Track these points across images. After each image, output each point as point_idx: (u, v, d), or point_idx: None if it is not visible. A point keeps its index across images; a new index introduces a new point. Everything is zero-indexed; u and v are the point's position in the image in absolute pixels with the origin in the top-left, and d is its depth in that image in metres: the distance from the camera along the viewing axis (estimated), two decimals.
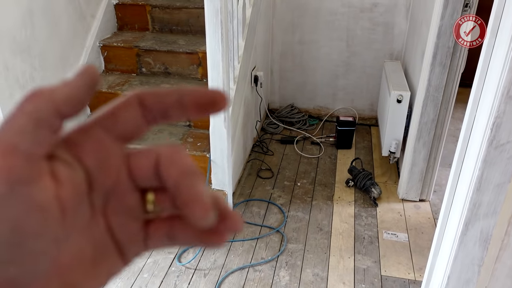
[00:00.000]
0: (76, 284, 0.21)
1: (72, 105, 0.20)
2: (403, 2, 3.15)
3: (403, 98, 2.56)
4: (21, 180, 0.19)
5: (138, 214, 0.23)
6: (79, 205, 0.21)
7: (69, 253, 0.21)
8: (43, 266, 0.20)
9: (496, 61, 1.14)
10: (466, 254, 1.33)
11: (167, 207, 0.23)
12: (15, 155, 0.19)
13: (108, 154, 0.22)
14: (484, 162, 1.19)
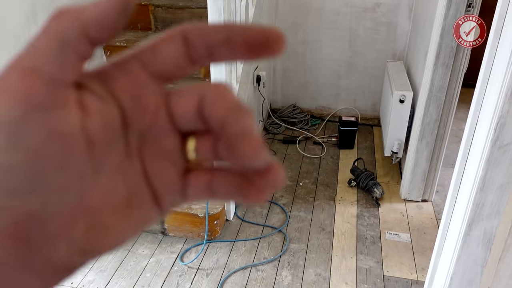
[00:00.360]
0: (105, 226, 0.20)
1: (102, 29, 0.18)
2: (406, 2, 3.15)
3: (406, 98, 2.55)
4: (40, 105, 0.17)
5: (177, 161, 0.21)
6: (111, 141, 0.20)
7: (99, 192, 0.20)
8: (67, 202, 0.19)
9: (500, 61, 1.14)
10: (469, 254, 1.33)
11: (209, 155, 0.21)
12: (35, 77, 0.17)
13: (145, 91, 0.20)
14: (488, 163, 1.18)
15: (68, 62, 0.18)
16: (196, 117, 0.20)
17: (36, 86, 0.17)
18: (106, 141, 0.19)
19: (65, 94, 0.18)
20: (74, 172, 0.18)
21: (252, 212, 2.49)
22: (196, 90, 0.20)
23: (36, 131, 0.17)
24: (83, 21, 0.18)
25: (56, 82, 0.18)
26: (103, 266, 2.10)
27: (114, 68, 0.20)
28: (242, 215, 2.46)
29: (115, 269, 2.09)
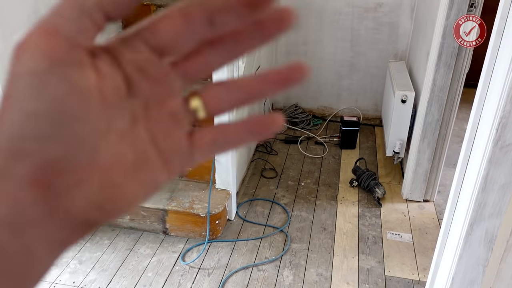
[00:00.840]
0: (117, 185, 0.22)
1: (115, 5, 0.21)
2: (408, 2, 3.15)
3: (408, 98, 2.55)
4: (62, 61, 0.19)
5: (182, 122, 0.23)
6: (119, 104, 0.22)
7: (108, 154, 0.21)
8: (84, 155, 0.21)
9: (502, 61, 1.14)
10: (470, 254, 1.33)
11: (218, 105, 0.24)
12: (58, 36, 0.19)
13: (147, 63, 0.22)
14: (490, 163, 1.18)
15: (85, 28, 0.20)
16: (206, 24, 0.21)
17: (58, 44, 0.19)
18: (115, 103, 0.21)
19: (82, 55, 0.20)
20: (90, 125, 0.21)
21: (254, 212, 2.49)
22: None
23: (58, 83, 0.19)
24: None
25: (74, 43, 0.20)
26: (105, 266, 2.11)
27: (120, 43, 0.22)
28: (243, 215, 2.46)
29: (117, 269, 2.09)
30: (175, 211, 2.25)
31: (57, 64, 0.19)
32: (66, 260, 2.14)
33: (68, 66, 0.20)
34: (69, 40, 0.20)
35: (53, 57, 0.19)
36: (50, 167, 0.20)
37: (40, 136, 0.20)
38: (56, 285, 2.00)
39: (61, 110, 0.20)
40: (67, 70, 0.19)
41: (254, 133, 0.24)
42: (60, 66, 0.19)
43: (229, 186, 2.39)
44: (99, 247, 2.23)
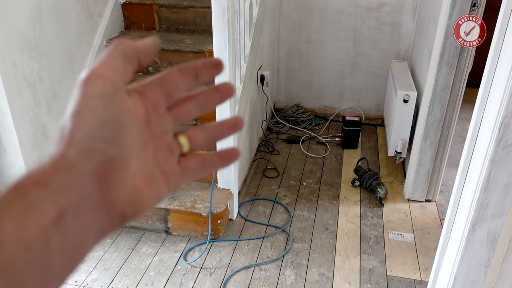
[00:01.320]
0: (140, 188, 0.29)
1: (145, 55, 0.30)
2: (410, 2, 3.14)
3: (410, 98, 2.55)
4: (119, 88, 0.28)
5: (174, 152, 0.32)
6: (143, 129, 0.30)
7: (135, 163, 0.29)
8: (128, 158, 0.28)
9: (504, 60, 1.14)
10: (472, 254, 1.33)
11: (198, 140, 0.33)
12: (116, 72, 0.28)
13: (159, 102, 0.31)
14: (492, 162, 1.18)
15: (127, 69, 0.29)
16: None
17: (117, 77, 0.28)
18: (142, 127, 0.30)
19: (126, 88, 0.29)
20: (133, 135, 0.28)
21: (256, 212, 2.49)
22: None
23: (118, 102, 0.27)
24: (136, 48, 0.30)
25: (124, 78, 0.29)
26: (107, 265, 2.11)
27: (143, 86, 0.31)
28: (245, 214, 2.47)
29: (119, 268, 2.10)
30: (177, 211, 2.25)
31: (117, 89, 0.27)
32: None
33: (123, 92, 0.28)
34: (121, 75, 0.28)
35: (115, 84, 0.27)
36: (109, 164, 0.27)
37: (106, 139, 0.27)
38: None
39: (120, 121, 0.27)
40: (122, 95, 0.28)
41: (222, 161, 0.35)
42: (118, 91, 0.27)
43: (231, 185, 2.39)
44: (101, 246, 2.23)
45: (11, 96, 2.02)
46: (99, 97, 0.27)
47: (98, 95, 0.27)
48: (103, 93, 0.27)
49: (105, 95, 0.27)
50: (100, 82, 0.27)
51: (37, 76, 2.19)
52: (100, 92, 0.27)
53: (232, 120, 0.35)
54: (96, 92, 0.27)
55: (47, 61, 2.27)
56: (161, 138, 0.31)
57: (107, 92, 0.27)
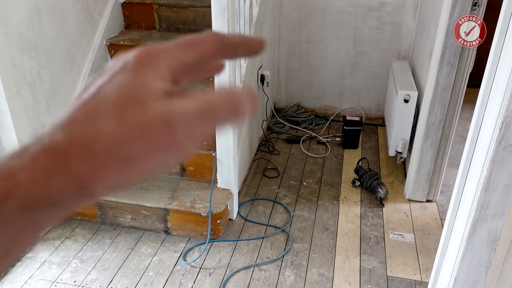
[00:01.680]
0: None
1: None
2: (411, 1, 3.14)
3: (411, 98, 2.54)
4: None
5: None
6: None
7: None
8: None
9: (505, 60, 1.13)
10: (473, 255, 1.32)
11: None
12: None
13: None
14: (493, 163, 1.17)
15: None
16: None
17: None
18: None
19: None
20: None
21: (256, 212, 2.49)
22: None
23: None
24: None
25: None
26: (106, 265, 2.10)
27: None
28: (245, 214, 2.46)
29: (118, 268, 2.09)
30: (177, 211, 2.25)
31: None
32: (67, 259, 2.14)
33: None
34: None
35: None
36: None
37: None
38: (57, 284, 2.00)
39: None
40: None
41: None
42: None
43: (231, 185, 2.38)
44: (100, 246, 2.23)
45: (10, 95, 2.01)
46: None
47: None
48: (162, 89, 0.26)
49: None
50: (161, 83, 0.26)
51: (36, 76, 2.19)
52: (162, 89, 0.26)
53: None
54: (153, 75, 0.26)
55: (47, 60, 2.26)
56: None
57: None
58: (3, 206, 0.23)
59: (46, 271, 2.07)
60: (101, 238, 2.28)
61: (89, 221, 2.39)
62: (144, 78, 0.26)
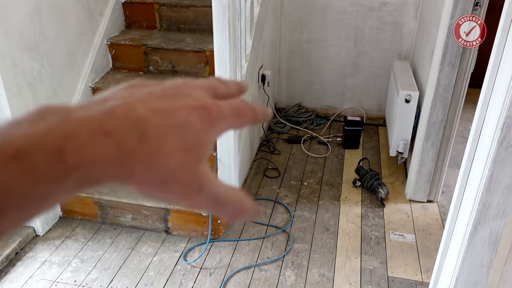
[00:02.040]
0: None
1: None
2: (412, 1, 3.13)
3: (412, 98, 2.53)
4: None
5: None
6: None
7: None
8: None
9: (507, 60, 1.13)
10: (474, 255, 1.31)
11: None
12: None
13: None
14: (494, 163, 1.17)
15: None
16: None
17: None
18: None
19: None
20: None
21: None
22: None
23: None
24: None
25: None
26: (106, 265, 2.10)
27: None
28: None
29: (119, 268, 2.09)
30: (177, 210, 2.25)
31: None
32: (67, 259, 2.13)
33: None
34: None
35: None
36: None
37: None
38: (57, 283, 2.00)
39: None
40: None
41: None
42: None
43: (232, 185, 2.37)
44: (101, 246, 2.22)
45: (11, 95, 2.01)
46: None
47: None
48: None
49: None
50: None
51: (37, 75, 2.18)
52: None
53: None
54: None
55: (47, 60, 2.26)
56: None
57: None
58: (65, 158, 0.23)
59: (46, 271, 2.07)
60: (102, 238, 2.27)
61: (89, 221, 2.39)
62: (194, 88, 0.30)
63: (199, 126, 0.27)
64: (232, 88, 0.33)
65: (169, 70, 2.80)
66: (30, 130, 0.22)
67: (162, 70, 2.81)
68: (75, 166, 0.22)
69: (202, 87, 0.30)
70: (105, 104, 0.25)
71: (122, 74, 2.82)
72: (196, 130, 0.27)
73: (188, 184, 0.27)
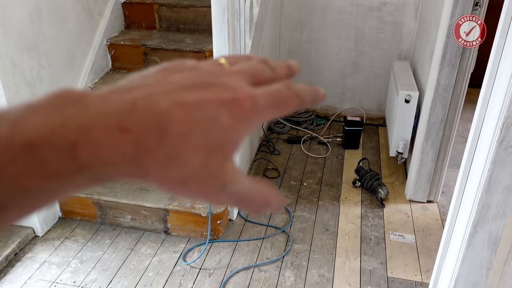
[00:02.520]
0: None
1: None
2: (412, 1, 3.13)
3: (412, 98, 2.53)
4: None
5: None
6: None
7: None
8: None
9: (506, 60, 1.12)
10: (474, 256, 1.31)
11: None
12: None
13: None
14: (494, 163, 1.17)
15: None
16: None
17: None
18: None
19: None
20: None
21: None
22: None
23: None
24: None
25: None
26: (105, 265, 2.10)
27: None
28: (245, 215, 2.45)
29: (118, 268, 2.08)
30: (177, 211, 2.24)
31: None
32: (67, 260, 2.13)
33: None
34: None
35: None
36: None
37: None
38: (57, 284, 2.00)
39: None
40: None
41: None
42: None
43: None
44: (100, 246, 2.22)
45: (10, 95, 2.01)
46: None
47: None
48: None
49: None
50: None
51: (36, 75, 2.18)
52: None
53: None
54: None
55: (47, 60, 2.26)
56: None
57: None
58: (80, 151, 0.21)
59: (45, 272, 2.06)
60: (101, 239, 2.27)
61: (89, 221, 2.39)
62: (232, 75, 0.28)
63: (228, 123, 0.24)
64: (280, 72, 0.30)
65: None
66: (44, 121, 0.21)
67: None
68: (88, 163, 0.21)
69: (242, 73, 0.28)
70: (128, 94, 0.23)
71: (122, 74, 2.82)
72: (224, 128, 0.24)
73: (210, 184, 0.25)
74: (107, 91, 0.24)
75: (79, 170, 0.21)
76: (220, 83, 0.26)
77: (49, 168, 0.20)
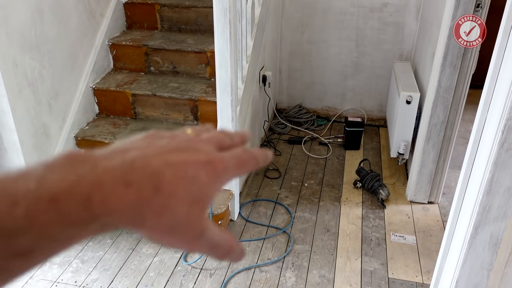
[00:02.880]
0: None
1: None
2: (414, 2, 3.13)
3: (413, 99, 2.53)
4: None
5: None
6: None
7: None
8: None
9: (508, 61, 1.12)
10: (475, 258, 1.31)
11: None
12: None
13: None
14: (495, 165, 1.17)
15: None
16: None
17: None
18: None
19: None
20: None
21: (257, 213, 2.48)
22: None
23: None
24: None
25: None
26: (107, 265, 2.10)
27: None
28: (246, 215, 2.45)
29: (119, 268, 2.09)
30: None
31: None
32: (68, 259, 2.13)
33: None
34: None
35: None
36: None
37: None
38: (58, 284, 2.00)
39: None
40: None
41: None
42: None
43: (232, 186, 2.38)
44: (101, 246, 2.22)
45: (12, 95, 2.01)
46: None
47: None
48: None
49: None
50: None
51: (38, 76, 2.19)
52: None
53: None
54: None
55: (48, 60, 2.26)
56: None
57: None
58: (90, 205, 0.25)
59: (47, 271, 2.07)
60: (102, 238, 2.27)
61: None
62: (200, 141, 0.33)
63: (205, 181, 0.30)
64: (236, 140, 0.36)
65: (170, 71, 2.80)
66: (62, 178, 0.25)
67: (163, 70, 2.81)
68: (101, 213, 0.25)
69: (211, 141, 0.33)
70: (127, 154, 0.28)
71: (123, 74, 2.83)
72: (202, 184, 0.30)
73: (191, 231, 0.30)
74: (108, 152, 0.28)
75: (93, 219, 0.25)
76: (196, 148, 0.31)
77: (70, 218, 0.24)
